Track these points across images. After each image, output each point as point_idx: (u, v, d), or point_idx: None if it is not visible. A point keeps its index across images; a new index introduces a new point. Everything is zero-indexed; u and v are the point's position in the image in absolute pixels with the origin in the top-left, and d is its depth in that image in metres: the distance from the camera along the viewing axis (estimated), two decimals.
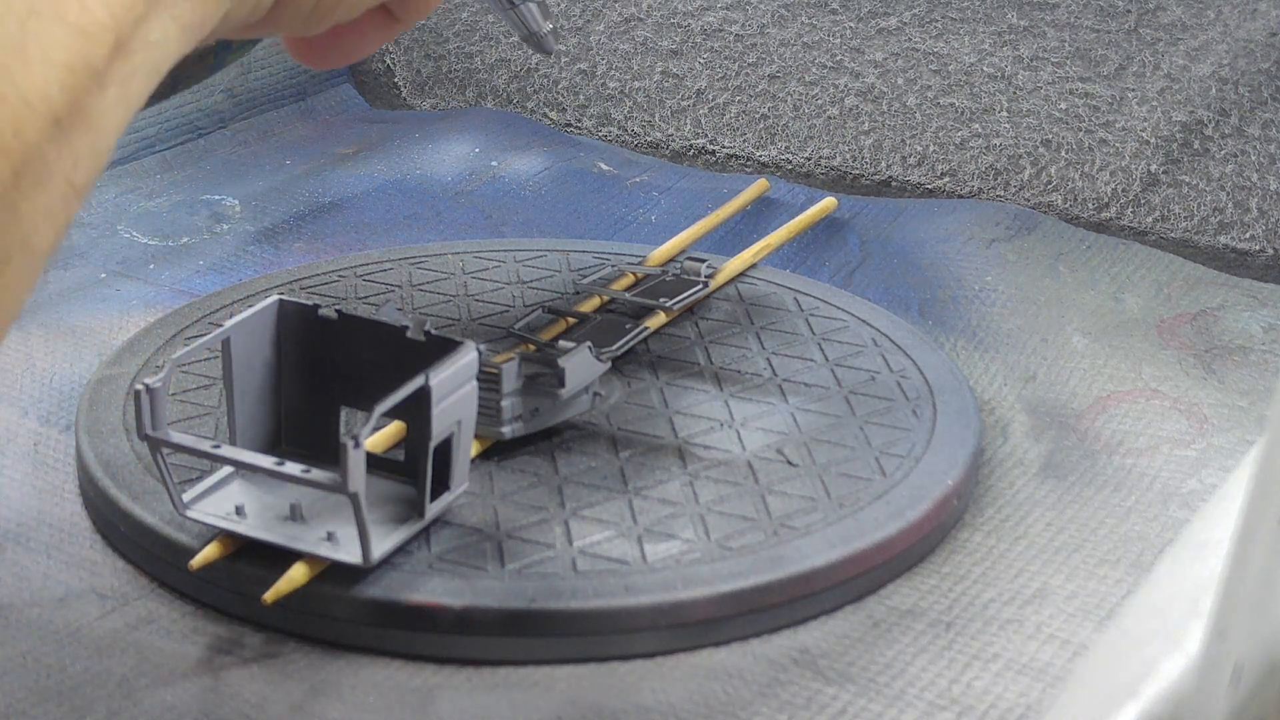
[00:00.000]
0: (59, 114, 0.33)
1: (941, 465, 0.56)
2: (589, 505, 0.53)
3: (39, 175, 0.33)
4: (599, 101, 0.97)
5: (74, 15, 0.34)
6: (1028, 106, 0.87)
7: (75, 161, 0.34)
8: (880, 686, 0.48)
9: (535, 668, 0.49)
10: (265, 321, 0.53)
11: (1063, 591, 0.53)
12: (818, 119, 0.92)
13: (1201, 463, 0.61)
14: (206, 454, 0.49)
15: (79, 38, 0.34)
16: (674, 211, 0.83)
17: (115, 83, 0.35)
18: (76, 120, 0.34)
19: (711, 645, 0.50)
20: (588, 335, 0.62)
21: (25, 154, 0.33)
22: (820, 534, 0.52)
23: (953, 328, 0.71)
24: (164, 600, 0.51)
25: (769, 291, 0.70)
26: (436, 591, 0.49)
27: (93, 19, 0.34)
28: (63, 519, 0.55)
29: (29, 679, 0.47)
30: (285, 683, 0.48)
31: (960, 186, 0.89)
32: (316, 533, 0.50)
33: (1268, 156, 0.82)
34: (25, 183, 0.33)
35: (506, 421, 0.55)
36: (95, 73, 0.34)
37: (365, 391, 0.51)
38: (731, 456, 0.57)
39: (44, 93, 0.33)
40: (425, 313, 0.67)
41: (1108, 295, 0.74)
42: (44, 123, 0.33)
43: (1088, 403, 0.65)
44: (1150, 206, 0.85)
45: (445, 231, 0.81)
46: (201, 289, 0.73)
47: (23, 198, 0.33)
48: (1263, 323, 0.71)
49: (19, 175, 0.33)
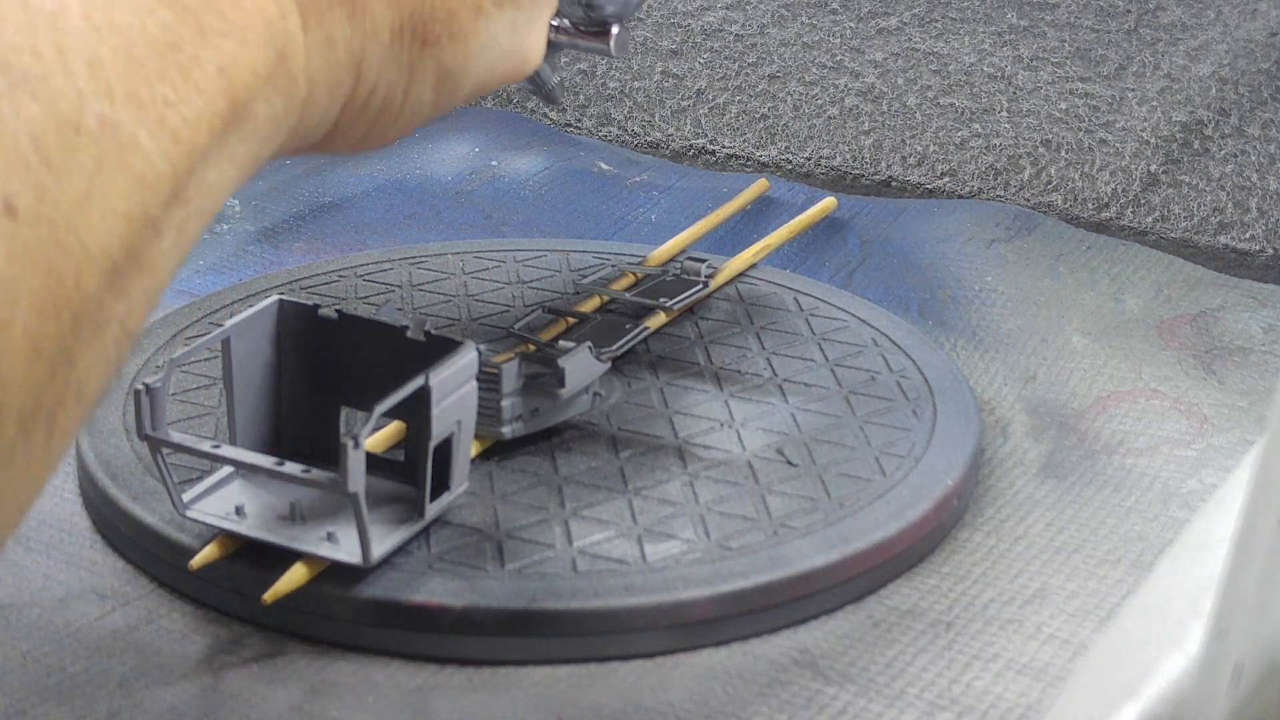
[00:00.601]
0: (118, 264, 0.33)
1: (941, 465, 0.56)
2: (589, 505, 0.53)
3: (96, 323, 0.33)
4: (599, 101, 0.97)
5: (137, 166, 0.33)
6: (1028, 106, 0.87)
7: (130, 308, 0.34)
8: (880, 686, 0.48)
9: (535, 668, 0.49)
10: (265, 321, 0.53)
11: (1063, 591, 0.53)
12: (818, 119, 0.92)
13: (1201, 463, 0.61)
14: (206, 454, 0.49)
15: (139, 188, 0.33)
16: (674, 211, 0.83)
17: (172, 229, 0.35)
18: (133, 268, 0.34)
19: (711, 645, 0.50)
20: (588, 335, 0.62)
21: (84, 304, 0.32)
22: (820, 534, 0.52)
23: (953, 328, 0.71)
24: (164, 600, 0.51)
25: (769, 291, 0.70)
26: (436, 591, 0.49)
27: (153, 169, 0.34)
28: (63, 519, 0.55)
29: (29, 679, 0.47)
30: (285, 683, 0.48)
31: (960, 186, 0.89)
32: (316, 533, 0.50)
33: (1268, 156, 0.82)
34: (84, 332, 0.33)
35: (506, 421, 0.55)
36: (152, 221, 0.34)
37: (365, 391, 0.51)
38: (731, 456, 0.57)
39: (104, 244, 0.33)
40: (425, 313, 0.67)
41: (1108, 295, 0.74)
42: (103, 274, 0.33)
43: (1088, 403, 0.65)
44: (1150, 206, 0.85)
45: (445, 231, 0.81)
46: (201, 289, 0.73)
47: (81, 347, 0.33)
48: (1263, 323, 0.71)
49: (79, 325, 0.32)
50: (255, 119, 0.37)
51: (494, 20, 0.45)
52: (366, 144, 0.44)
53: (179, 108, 0.34)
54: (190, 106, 0.34)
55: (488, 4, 0.45)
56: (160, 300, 0.36)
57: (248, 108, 0.36)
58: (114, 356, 0.34)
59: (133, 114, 0.33)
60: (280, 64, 0.37)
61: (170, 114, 0.34)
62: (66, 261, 0.32)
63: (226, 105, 0.35)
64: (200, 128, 0.35)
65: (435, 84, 0.44)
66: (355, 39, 0.40)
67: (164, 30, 0.34)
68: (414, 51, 0.43)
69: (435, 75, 0.44)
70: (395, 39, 0.42)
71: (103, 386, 0.34)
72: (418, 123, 0.45)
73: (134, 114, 0.33)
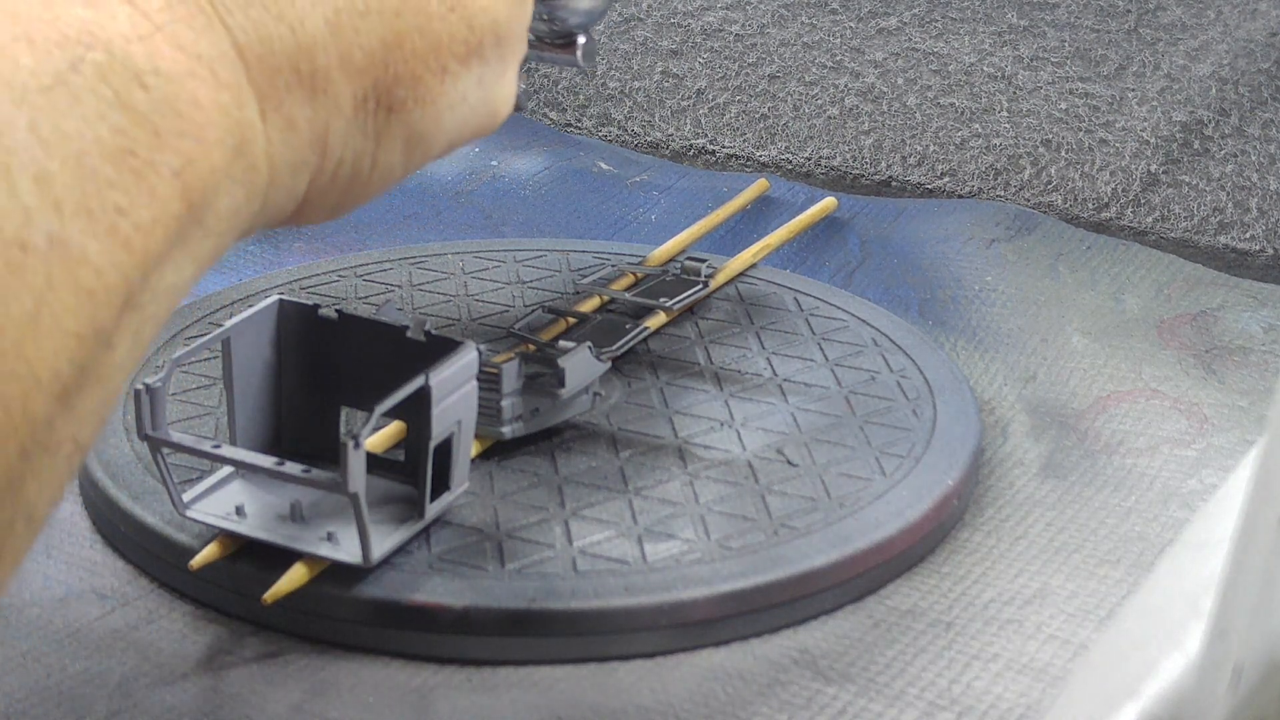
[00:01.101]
0: (68, 384, 0.32)
1: (941, 465, 0.56)
2: (589, 505, 0.53)
3: (46, 447, 0.31)
4: (599, 101, 0.97)
5: (88, 280, 0.32)
6: (1028, 106, 0.87)
7: (82, 423, 0.33)
8: (880, 686, 0.48)
9: (535, 668, 0.49)
10: (265, 321, 0.52)
11: (1063, 591, 0.53)
12: (818, 119, 0.92)
13: (1201, 463, 0.61)
14: (206, 454, 0.49)
15: (90, 303, 0.32)
16: (674, 211, 0.83)
17: (126, 338, 0.33)
18: (85, 383, 0.32)
19: (711, 645, 0.50)
20: (588, 335, 0.62)
21: (33, 431, 0.31)
22: (820, 534, 0.52)
23: (953, 328, 0.71)
24: (164, 600, 0.51)
25: (769, 291, 0.70)
26: (436, 591, 0.49)
27: (104, 282, 0.32)
28: (63, 519, 0.55)
29: (29, 679, 0.47)
30: (285, 683, 0.48)
31: (960, 186, 0.89)
32: (316, 533, 0.50)
33: (1268, 156, 0.82)
34: (33, 458, 0.31)
35: (506, 421, 0.56)
36: (104, 335, 0.32)
37: (365, 391, 0.51)
38: (731, 456, 0.57)
39: (54, 366, 0.31)
40: (425, 313, 0.67)
41: (1108, 295, 0.74)
42: (53, 397, 0.31)
43: (1088, 403, 0.65)
44: (1150, 206, 0.85)
45: (445, 231, 0.81)
46: (201, 289, 0.73)
47: (31, 472, 0.31)
48: (1263, 323, 0.71)
49: (27, 454, 0.31)
50: (216, 212, 0.35)
51: (460, 79, 0.43)
52: (340, 211, 0.42)
53: (131, 215, 0.33)
54: (144, 212, 0.33)
55: (453, 64, 0.42)
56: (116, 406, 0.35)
57: (206, 204, 0.35)
58: (66, 472, 0.33)
59: (82, 226, 0.31)
60: (239, 155, 0.36)
61: (122, 222, 0.32)
62: (13, 389, 0.30)
63: (183, 206, 0.34)
64: (155, 233, 0.33)
65: (405, 148, 0.42)
66: (318, 117, 0.39)
67: (116, 135, 0.33)
68: (380, 120, 0.41)
69: (404, 140, 0.42)
70: (359, 110, 0.40)
71: (54, 504, 0.33)
72: (391, 185, 0.43)
73: (84, 226, 0.31)
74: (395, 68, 0.41)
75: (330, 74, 0.39)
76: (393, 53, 0.40)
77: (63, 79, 0.32)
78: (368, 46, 0.40)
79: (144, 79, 0.33)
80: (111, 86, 0.33)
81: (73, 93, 0.32)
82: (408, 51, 0.41)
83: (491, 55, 0.44)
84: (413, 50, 0.41)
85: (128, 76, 0.33)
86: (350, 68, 0.39)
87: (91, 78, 0.33)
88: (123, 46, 0.33)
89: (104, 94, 0.33)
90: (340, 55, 0.39)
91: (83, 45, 0.33)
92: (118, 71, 0.33)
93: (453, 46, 0.42)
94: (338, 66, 0.39)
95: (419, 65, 0.41)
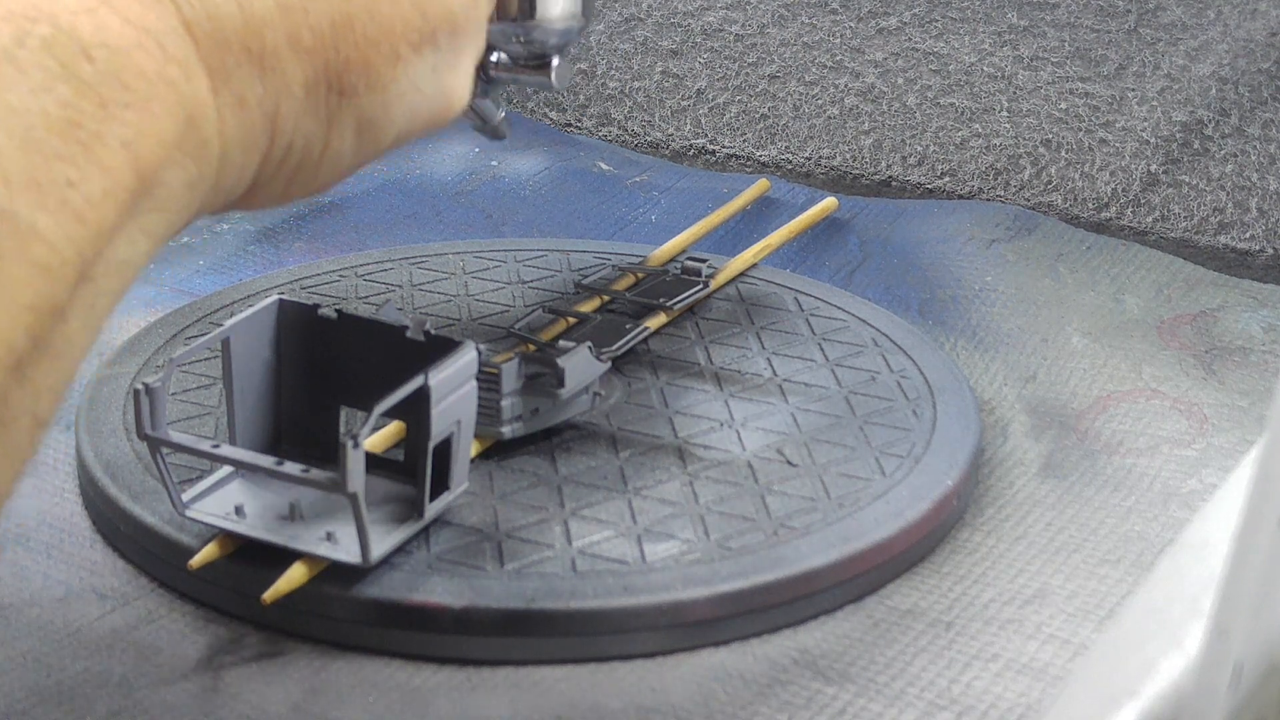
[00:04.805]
0: (22, 357, 0.32)
1: (941, 465, 0.56)
2: (589, 505, 0.53)
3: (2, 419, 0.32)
4: (599, 101, 0.97)
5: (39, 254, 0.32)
6: (1028, 106, 0.87)
7: (38, 396, 0.33)
8: (880, 686, 0.48)
9: (535, 668, 0.49)
10: (265, 321, 0.53)
11: (1063, 591, 0.53)
12: (818, 119, 0.92)
13: (1201, 463, 0.61)
14: (206, 454, 0.49)
15: (43, 276, 0.32)
16: (674, 211, 0.84)
17: (80, 312, 0.33)
18: (41, 357, 0.32)
19: (711, 645, 0.50)
20: (588, 335, 0.62)
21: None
22: (820, 534, 0.52)
23: (953, 328, 0.71)
24: (164, 600, 0.51)
25: (769, 291, 0.70)
26: (436, 591, 0.49)
27: (57, 255, 0.32)
28: (63, 519, 0.55)
29: (29, 679, 0.47)
30: (285, 683, 0.48)
31: (960, 186, 0.89)
32: (316, 533, 0.50)
33: (1268, 156, 0.82)
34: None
35: (506, 421, 0.56)
36: (58, 308, 0.32)
37: (365, 391, 0.51)
38: (731, 456, 0.57)
39: (8, 339, 0.31)
40: (425, 313, 0.67)
41: (1108, 295, 0.74)
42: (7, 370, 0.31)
43: (1088, 403, 0.65)
44: (1150, 206, 0.85)
45: (445, 231, 0.81)
46: (201, 289, 0.73)
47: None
48: (1263, 323, 0.71)
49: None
50: (167, 186, 0.36)
51: (412, 66, 0.43)
52: (288, 197, 0.42)
53: (81, 187, 0.33)
54: (94, 185, 0.33)
55: (405, 50, 0.42)
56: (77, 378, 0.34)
57: (157, 177, 0.35)
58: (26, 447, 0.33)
59: (32, 200, 0.32)
60: (190, 129, 0.36)
61: (73, 195, 0.32)
62: None
63: (133, 178, 0.34)
64: (106, 205, 0.33)
65: (355, 134, 0.42)
66: (268, 96, 0.39)
67: (62, 108, 0.33)
68: (331, 103, 0.41)
69: (355, 125, 0.42)
70: (310, 93, 0.40)
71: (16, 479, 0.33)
72: (342, 173, 0.43)
73: (33, 199, 0.32)
74: (345, 51, 0.41)
75: (280, 53, 0.39)
76: (342, 35, 0.40)
77: (8, 53, 0.32)
78: (317, 27, 0.40)
79: (90, 51, 0.34)
80: (57, 59, 0.33)
81: (18, 66, 0.32)
82: (358, 35, 0.41)
83: (445, 44, 0.44)
84: (363, 33, 0.41)
85: (74, 49, 0.33)
86: (299, 47, 0.39)
87: (37, 51, 0.33)
88: (69, 20, 0.34)
89: (50, 67, 0.33)
90: (289, 34, 0.39)
91: (28, 19, 0.33)
92: (63, 44, 0.33)
93: (405, 33, 0.42)
94: (287, 46, 0.39)
95: (370, 49, 0.41)
